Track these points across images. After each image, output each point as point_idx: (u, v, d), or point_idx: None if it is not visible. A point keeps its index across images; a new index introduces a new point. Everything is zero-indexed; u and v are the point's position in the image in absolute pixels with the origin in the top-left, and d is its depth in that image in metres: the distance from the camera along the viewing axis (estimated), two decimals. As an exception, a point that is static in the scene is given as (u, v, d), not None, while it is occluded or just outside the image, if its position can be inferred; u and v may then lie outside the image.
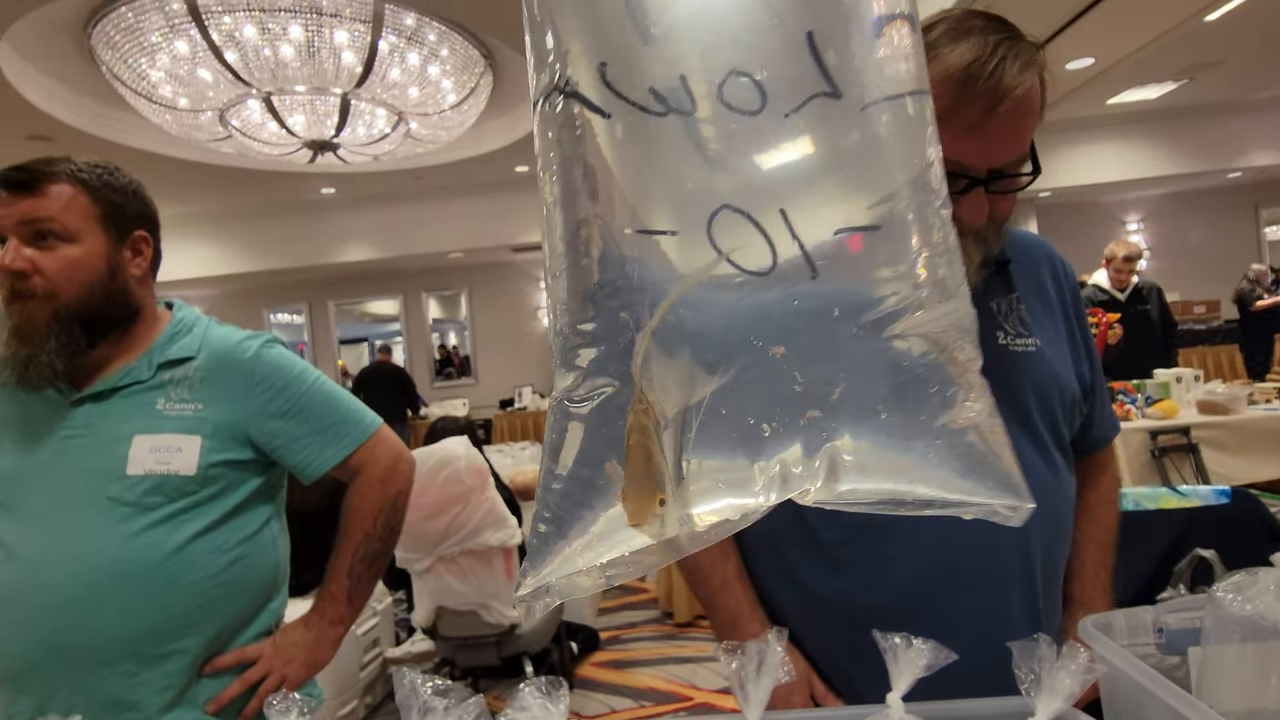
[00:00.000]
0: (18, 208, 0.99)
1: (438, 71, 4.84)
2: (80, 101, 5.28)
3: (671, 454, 0.46)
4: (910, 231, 0.47)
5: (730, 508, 0.46)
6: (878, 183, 0.47)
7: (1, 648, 0.97)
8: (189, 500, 1.01)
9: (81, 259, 1.01)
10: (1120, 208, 9.51)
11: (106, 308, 1.04)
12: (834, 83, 0.46)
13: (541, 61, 0.48)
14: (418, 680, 0.58)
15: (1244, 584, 0.60)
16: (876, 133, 0.47)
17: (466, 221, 8.33)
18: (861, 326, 0.46)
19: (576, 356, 0.47)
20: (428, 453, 2.54)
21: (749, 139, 0.47)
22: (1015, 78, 0.75)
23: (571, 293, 0.48)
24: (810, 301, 0.46)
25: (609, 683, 3.18)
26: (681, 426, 0.47)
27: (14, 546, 0.98)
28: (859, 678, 0.86)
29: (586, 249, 0.47)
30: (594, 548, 0.46)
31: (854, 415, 0.46)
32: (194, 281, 8.72)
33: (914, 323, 0.46)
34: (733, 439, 0.47)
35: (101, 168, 1.05)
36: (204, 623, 1.02)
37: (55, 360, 0.99)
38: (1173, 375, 3.79)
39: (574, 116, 0.47)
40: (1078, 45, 4.90)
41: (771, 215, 0.46)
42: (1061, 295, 0.96)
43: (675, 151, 0.47)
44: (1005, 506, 0.46)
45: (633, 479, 0.45)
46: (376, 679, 3.10)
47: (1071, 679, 0.58)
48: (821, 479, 0.46)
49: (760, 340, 0.46)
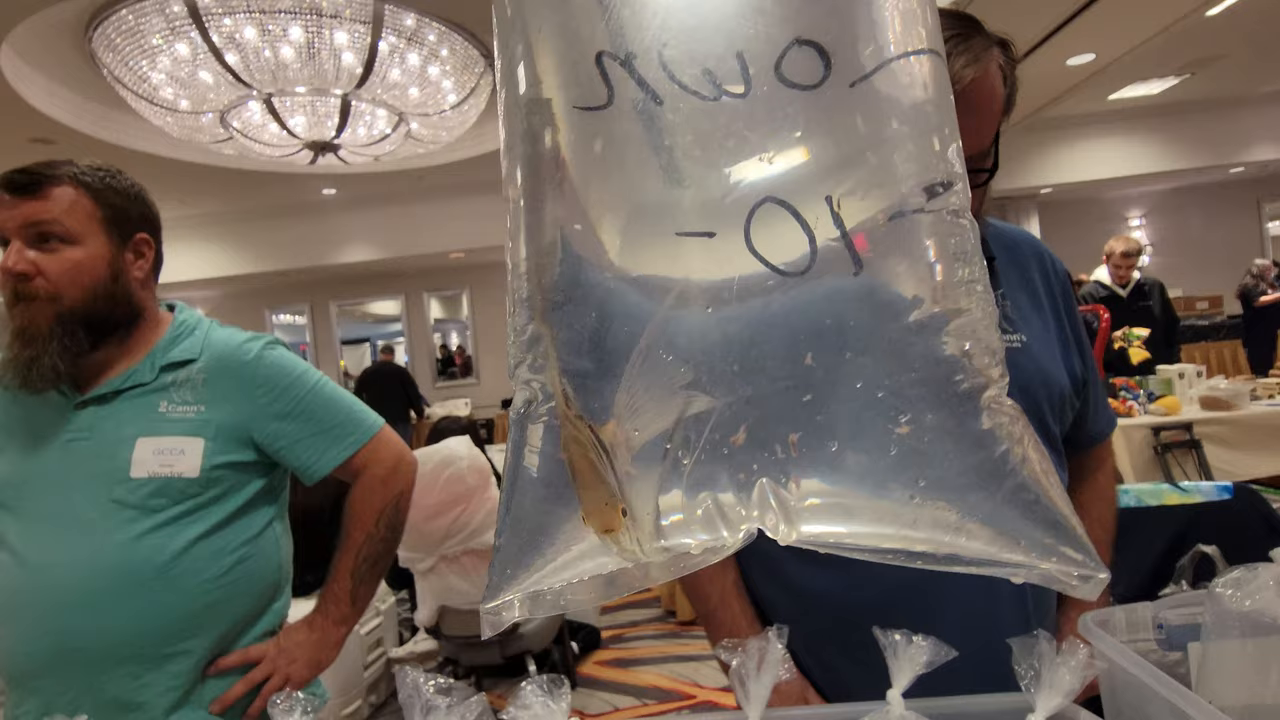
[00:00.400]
0: (20, 210, 0.99)
1: (438, 72, 4.84)
2: (82, 104, 5.28)
3: (644, 484, 0.42)
4: (950, 221, 0.42)
5: (697, 544, 0.42)
6: (929, 163, 0.42)
7: (8, 649, 0.98)
8: (193, 502, 1.01)
9: (84, 261, 1.01)
10: (1122, 204, 9.48)
11: (109, 310, 1.04)
12: (862, 66, 0.41)
13: (589, 39, 0.43)
14: (420, 679, 0.58)
15: (1244, 580, 0.60)
16: (939, 105, 0.42)
17: (467, 221, 8.32)
18: (905, 329, 0.41)
19: (525, 369, 0.45)
20: (430, 452, 2.54)
21: (800, 117, 0.42)
22: (956, 73, 0.74)
23: (528, 296, 0.45)
24: (847, 303, 0.41)
25: (612, 681, 3.18)
26: (655, 454, 0.42)
27: (19, 549, 0.98)
28: (848, 675, 0.86)
29: (550, 253, 0.44)
30: (574, 562, 0.43)
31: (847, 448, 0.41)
32: (196, 283, 8.74)
33: (939, 330, 0.41)
34: (709, 471, 0.42)
35: (104, 170, 1.05)
36: (208, 624, 1.02)
37: (59, 362, 0.99)
38: (1175, 371, 3.78)
39: (610, 98, 0.43)
40: (1079, 41, 4.88)
41: (817, 203, 0.41)
42: (1051, 291, 0.96)
43: (721, 141, 0.42)
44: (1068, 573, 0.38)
45: (586, 492, 0.42)
46: (380, 678, 3.11)
47: (1071, 675, 0.59)
48: (795, 520, 0.42)
49: (750, 357, 0.42)
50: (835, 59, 0.41)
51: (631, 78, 0.42)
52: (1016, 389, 0.86)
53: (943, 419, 0.40)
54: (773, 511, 0.42)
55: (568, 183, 0.45)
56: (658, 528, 0.43)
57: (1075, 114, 7.25)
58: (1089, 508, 0.99)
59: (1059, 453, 0.92)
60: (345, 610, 1.13)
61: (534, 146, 0.45)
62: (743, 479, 0.42)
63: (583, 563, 0.44)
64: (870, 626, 0.62)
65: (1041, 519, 0.38)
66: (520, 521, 0.45)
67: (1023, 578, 0.38)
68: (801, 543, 0.42)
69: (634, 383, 0.43)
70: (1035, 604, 0.86)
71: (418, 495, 1.24)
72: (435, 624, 2.79)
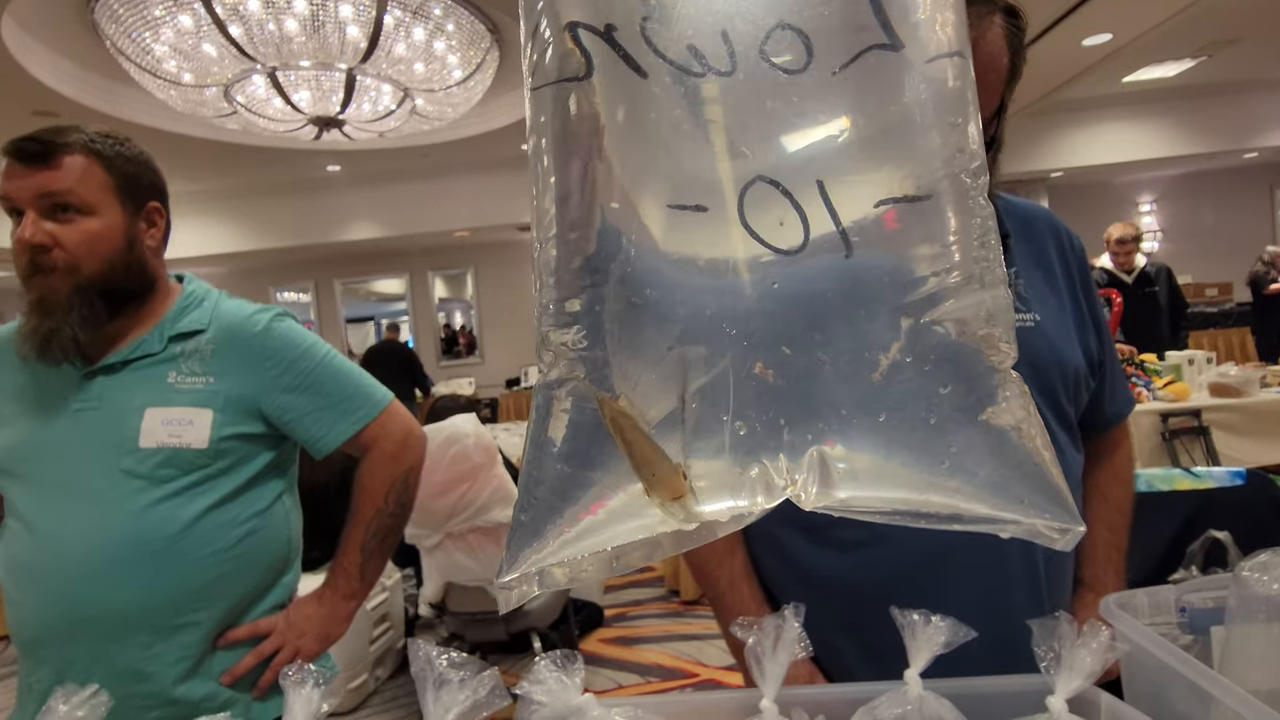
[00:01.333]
0: (34, 180, 0.98)
1: (443, 47, 4.78)
2: (85, 77, 5.24)
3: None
4: (952, 207, 0.43)
5: (723, 510, 0.43)
6: (924, 150, 0.43)
7: (21, 618, 0.99)
8: (201, 474, 1.01)
9: (101, 232, 1.01)
10: (1133, 189, 9.39)
11: (125, 280, 1.04)
12: (894, 33, 0.42)
13: (566, 8, 0.44)
14: (433, 653, 0.58)
15: (1271, 563, 0.59)
16: (930, 93, 0.43)
17: (472, 200, 8.28)
18: (889, 311, 0.42)
19: (554, 337, 0.44)
20: (436, 430, 2.54)
21: (790, 101, 0.43)
22: None
23: (557, 267, 0.44)
24: (840, 284, 0.42)
25: (616, 659, 3.21)
26: (671, 423, 0.43)
27: (30, 519, 0.98)
28: (854, 657, 0.85)
29: (577, 221, 0.43)
30: (592, 535, 0.43)
31: (857, 417, 0.42)
32: (199, 259, 8.72)
33: (950, 309, 0.42)
34: (725, 438, 0.43)
35: (112, 138, 1.04)
36: (218, 596, 1.02)
37: (79, 333, 0.99)
38: (1184, 358, 3.76)
39: (588, 69, 0.43)
40: (1096, 20, 4.79)
41: (807, 188, 0.42)
42: (1068, 269, 0.93)
43: (708, 116, 0.43)
44: (1050, 527, 0.41)
45: (648, 464, 0.42)
46: (386, 653, 3.14)
47: (1093, 657, 0.58)
48: (815, 487, 0.42)
49: (767, 327, 0.43)
50: (816, 45, 0.42)
51: (615, 50, 0.43)
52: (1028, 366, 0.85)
53: (961, 395, 0.42)
54: (813, 477, 0.43)
55: (596, 156, 0.44)
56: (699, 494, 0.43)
57: (1088, 96, 7.14)
58: (1105, 491, 0.97)
59: (1073, 432, 0.90)
60: (355, 585, 1.13)
61: (563, 120, 0.45)
62: (787, 445, 0.43)
63: (597, 534, 0.44)
64: (876, 608, 0.61)
65: (1037, 482, 0.41)
66: (544, 493, 0.44)
67: (1010, 532, 0.41)
68: (824, 508, 0.43)
69: (653, 354, 0.43)
70: (1050, 589, 0.85)
71: (423, 472, 1.24)
72: (441, 600, 2.81)
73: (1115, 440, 1.01)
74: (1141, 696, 0.61)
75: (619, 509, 0.43)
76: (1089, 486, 0.95)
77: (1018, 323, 0.86)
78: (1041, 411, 0.84)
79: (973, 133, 0.43)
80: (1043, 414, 0.84)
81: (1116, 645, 0.58)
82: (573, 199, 0.44)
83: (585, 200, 0.44)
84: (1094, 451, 0.97)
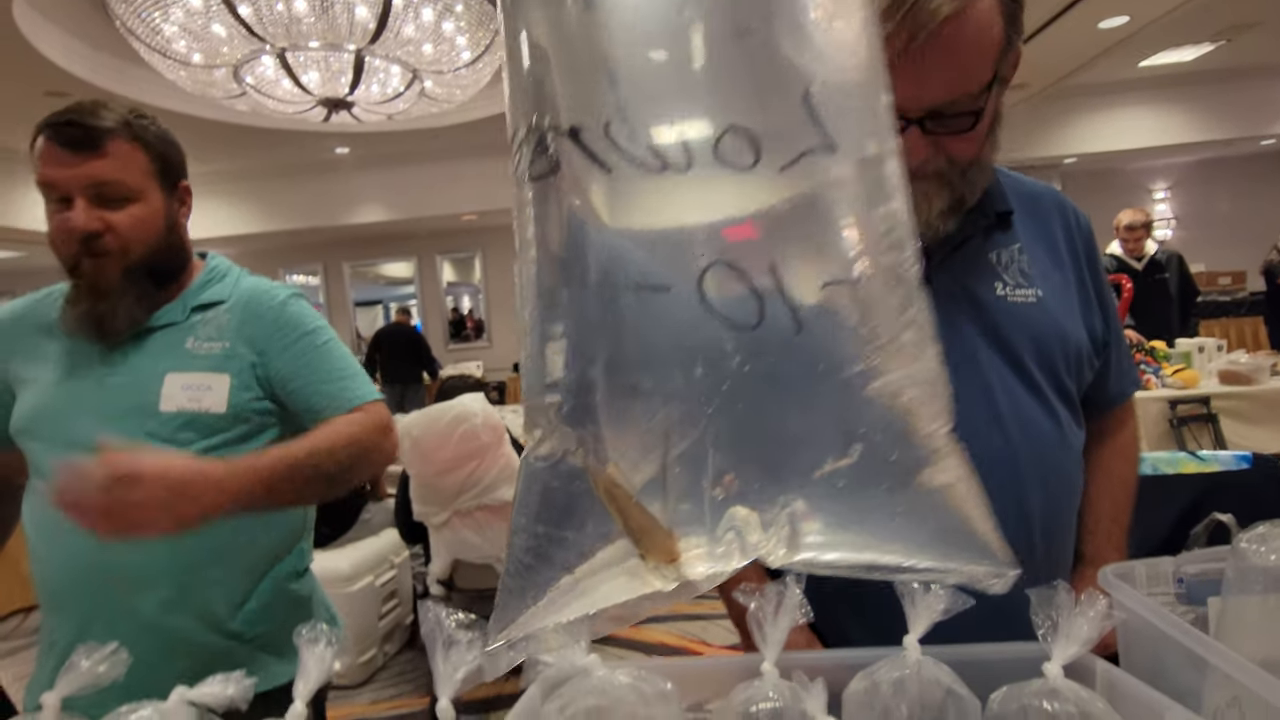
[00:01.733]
0: (83, 169, 1.00)
1: (452, 28, 4.76)
2: (96, 57, 5.25)
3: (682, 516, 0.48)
4: (882, 286, 0.48)
5: (703, 571, 0.48)
6: (855, 237, 0.48)
7: (46, 575, 1.03)
8: (221, 438, 1.04)
9: (147, 217, 1.05)
10: (1147, 175, 9.27)
11: (167, 260, 1.09)
12: (829, 135, 0.47)
13: (533, 105, 0.49)
14: (442, 614, 0.59)
15: (1269, 535, 0.59)
16: (863, 187, 0.48)
17: (480, 183, 8.26)
18: (838, 385, 0.47)
19: (542, 411, 0.49)
20: (445, 409, 2.56)
21: (742, 194, 0.48)
22: (933, 9, 0.68)
23: (538, 345, 0.50)
24: (794, 358, 0.47)
25: (621, 637, 3.24)
26: (650, 487, 0.48)
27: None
28: (853, 627, 0.86)
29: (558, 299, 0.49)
30: (578, 598, 0.49)
31: (817, 482, 0.48)
32: (210, 241, 8.76)
33: (885, 382, 0.47)
34: (697, 503, 0.48)
35: (146, 118, 1.07)
36: (237, 555, 1.05)
37: (136, 312, 1.05)
38: (1194, 345, 3.74)
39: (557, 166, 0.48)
40: (1113, 1, 4.72)
41: (762, 271, 0.47)
42: (1073, 246, 0.93)
43: (669, 207, 0.48)
44: (986, 574, 0.47)
45: (645, 531, 0.47)
46: (395, 629, 3.18)
47: (1089, 625, 0.58)
48: (783, 548, 0.48)
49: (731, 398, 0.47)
50: (764, 146, 0.47)
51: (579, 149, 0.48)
52: (1030, 340, 0.85)
53: (904, 460, 0.48)
54: (780, 540, 0.48)
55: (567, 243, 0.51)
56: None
57: (1103, 81, 7.04)
58: (1108, 465, 0.98)
59: (1074, 408, 0.90)
60: (247, 482, 0.92)
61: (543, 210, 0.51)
62: (761, 510, 0.49)
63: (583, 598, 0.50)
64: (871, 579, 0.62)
65: (972, 536, 0.47)
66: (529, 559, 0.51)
67: (953, 580, 0.48)
68: (788, 566, 0.49)
69: (635, 426, 0.49)
70: (1046, 563, 0.85)
71: (432, 450, 1.25)
72: (449, 577, 2.84)
73: (1120, 419, 1.01)
74: (1138, 666, 0.62)
75: (603, 572, 0.49)
76: (1092, 463, 0.95)
77: (1020, 298, 0.88)
78: (1041, 386, 0.86)
79: (899, 214, 0.49)
80: (1042, 389, 0.86)
81: (1113, 614, 0.59)
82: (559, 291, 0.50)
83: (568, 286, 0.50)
84: (1098, 429, 0.97)
